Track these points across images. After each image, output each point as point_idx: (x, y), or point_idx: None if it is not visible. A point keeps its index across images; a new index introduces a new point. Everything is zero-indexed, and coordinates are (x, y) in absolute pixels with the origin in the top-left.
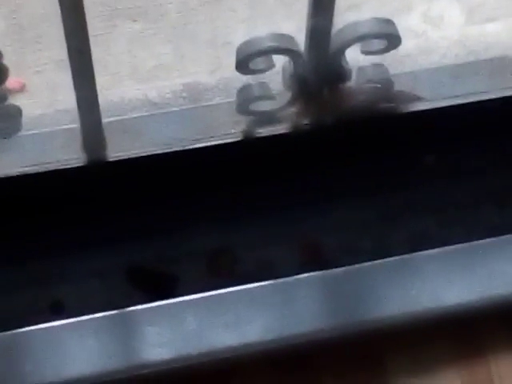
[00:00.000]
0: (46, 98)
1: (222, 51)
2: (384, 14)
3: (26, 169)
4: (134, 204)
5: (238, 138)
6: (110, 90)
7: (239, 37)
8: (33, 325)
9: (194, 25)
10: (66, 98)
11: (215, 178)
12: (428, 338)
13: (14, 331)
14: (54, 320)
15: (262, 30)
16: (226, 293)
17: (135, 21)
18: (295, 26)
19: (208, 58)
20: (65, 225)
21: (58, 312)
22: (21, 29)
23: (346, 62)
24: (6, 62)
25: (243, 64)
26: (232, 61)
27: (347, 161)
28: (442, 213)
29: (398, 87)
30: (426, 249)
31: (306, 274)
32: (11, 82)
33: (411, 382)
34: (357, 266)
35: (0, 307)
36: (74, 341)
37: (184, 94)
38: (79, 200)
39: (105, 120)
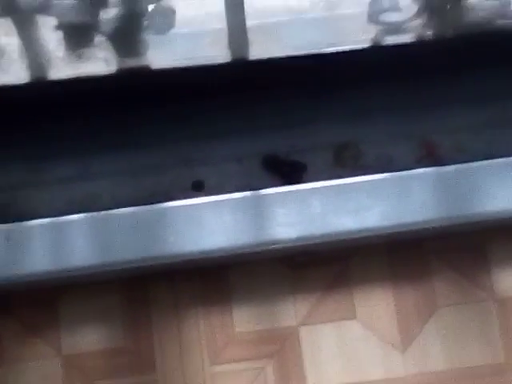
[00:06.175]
0: (197, 1)
1: None
2: None
3: (177, 62)
4: (270, 100)
5: (367, 45)
6: None
7: None
8: (177, 200)
9: None
10: (216, 1)
11: (345, 80)
12: None
13: (161, 205)
14: (195, 197)
15: None
16: (349, 182)
17: None
18: None
19: None
20: (208, 113)
21: (199, 191)
22: None
23: None
24: None
25: None
26: None
27: (464, 70)
28: None
29: None
30: None
31: (421, 170)
32: None
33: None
34: (468, 164)
35: (149, 183)
36: (212, 217)
37: (321, 4)
38: (222, 92)
39: (248, 23)
